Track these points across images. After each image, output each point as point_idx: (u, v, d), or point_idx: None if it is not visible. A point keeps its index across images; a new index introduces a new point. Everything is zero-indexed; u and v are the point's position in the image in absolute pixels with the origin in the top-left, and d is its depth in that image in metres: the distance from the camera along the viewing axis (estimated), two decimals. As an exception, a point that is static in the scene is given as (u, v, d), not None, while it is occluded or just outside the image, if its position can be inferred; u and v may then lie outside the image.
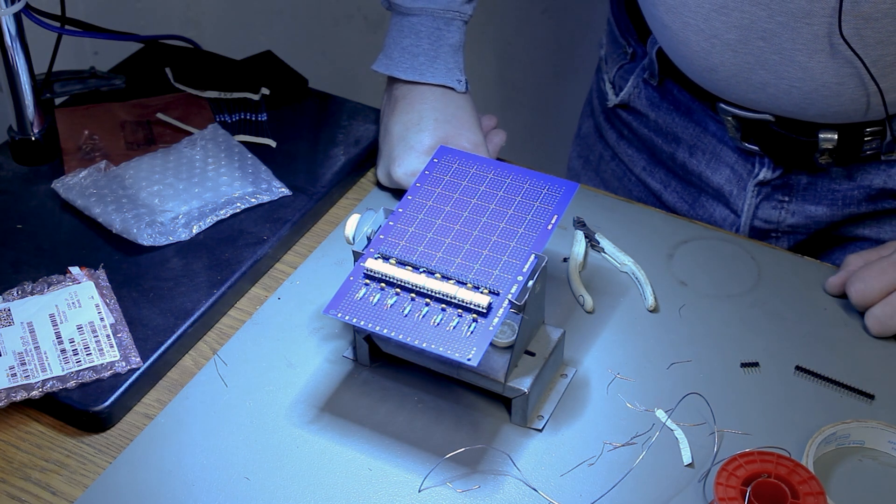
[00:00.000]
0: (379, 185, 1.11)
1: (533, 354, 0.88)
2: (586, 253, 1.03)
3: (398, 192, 1.09)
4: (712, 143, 1.14)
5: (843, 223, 1.13)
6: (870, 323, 0.95)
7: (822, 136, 1.05)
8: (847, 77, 0.99)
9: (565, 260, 1.02)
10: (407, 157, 1.05)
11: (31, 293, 0.97)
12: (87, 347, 0.92)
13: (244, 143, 1.12)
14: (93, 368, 0.90)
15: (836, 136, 1.04)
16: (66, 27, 1.12)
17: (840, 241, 1.15)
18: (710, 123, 1.14)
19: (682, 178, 1.19)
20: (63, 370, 0.90)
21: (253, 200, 1.06)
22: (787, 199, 1.12)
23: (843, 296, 0.98)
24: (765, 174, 1.11)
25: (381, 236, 0.89)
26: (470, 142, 1.06)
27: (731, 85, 1.05)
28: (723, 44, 1.02)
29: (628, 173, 1.25)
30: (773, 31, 0.99)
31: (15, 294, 0.96)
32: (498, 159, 1.09)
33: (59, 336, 0.93)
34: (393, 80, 1.12)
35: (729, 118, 1.09)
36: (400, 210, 0.91)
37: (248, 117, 1.16)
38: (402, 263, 0.87)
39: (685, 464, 0.86)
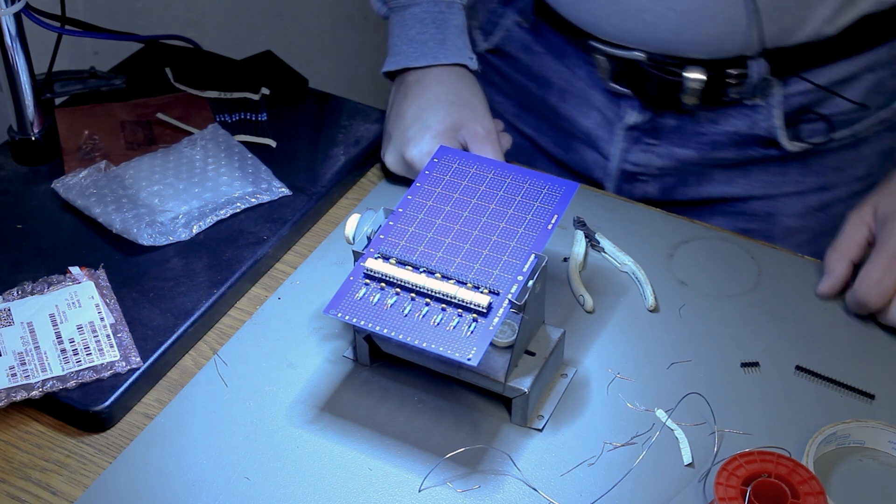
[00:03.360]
0: (385, 173, 1.11)
1: (533, 354, 0.88)
2: (586, 253, 1.03)
3: (398, 193, 1.09)
4: (582, 87, 1.16)
5: (712, 170, 1.15)
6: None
7: (688, 74, 1.07)
8: None
9: (565, 260, 1.02)
10: (423, 138, 1.05)
11: (31, 293, 0.97)
12: (87, 347, 0.92)
13: (244, 143, 1.12)
14: (93, 368, 0.90)
15: (701, 76, 1.06)
16: (66, 27, 1.12)
17: (710, 202, 1.17)
18: (582, 67, 1.15)
19: (553, 124, 1.21)
20: (63, 370, 0.90)
21: (253, 200, 1.06)
22: (655, 142, 1.15)
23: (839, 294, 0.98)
24: (633, 118, 1.13)
25: (381, 236, 0.89)
26: (484, 128, 1.06)
27: (607, 14, 1.06)
28: None
29: (501, 119, 1.25)
30: None
31: (15, 294, 0.96)
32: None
33: (59, 336, 0.93)
34: (403, 72, 1.12)
35: (600, 57, 1.10)
36: (400, 210, 0.91)
37: (248, 117, 1.16)
38: (402, 263, 0.87)
39: (685, 464, 0.86)
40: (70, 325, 0.94)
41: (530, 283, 0.85)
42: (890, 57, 1.10)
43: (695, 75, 1.07)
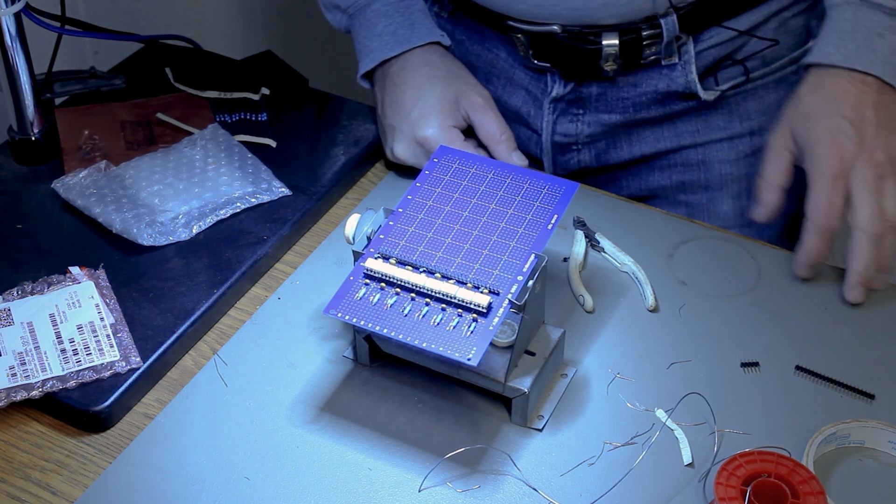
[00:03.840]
0: (388, 166, 1.12)
1: (533, 354, 0.88)
2: (586, 253, 1.03)
3: (398, 193, 1.09)
4: (505, 67, 1.19)
5: (640, 129, 1.18)
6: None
7: (604, 42, 1.09)
8: None
9: (565, 260, 1.02)
10: (430, 115, 1.07)
11: (31, 293, 0.97)
12: (87, 347, 0.92)
13: (244, 143, 1.12)
14: (93, 368, 0.90)
15: (617, 42, 1.09)
16: (66, 27, 1.12)
17: (644, 159, 1.20)
18: (502, 48, 1.18)
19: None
20: (63, 370, 0.90)
21: (253, 200, 1.06)
22: (581, 111, 1.17)
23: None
24: (557, 90, 1.16)
25: (381, 236, 0.89)
26: (482, 96, 1.09)
27: None
28: None
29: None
30: None
31: (15, 294, 0.96)
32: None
33: (59, 336, 0.93)
34: (382, 66, 1.13)
35: (518, 35, 1.13)
36: (400, 210, 0.91)
37: (248, 117, 1.16)
38: (402, 263, 0.87)
39: (685, 464, 0.86)
40: (70, 325, 0.94)
41: (530, 283, 0.85)
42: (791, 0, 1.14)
43: (610, 41, 1.10)
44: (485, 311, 0.83)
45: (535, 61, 1.14)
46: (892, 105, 1.01)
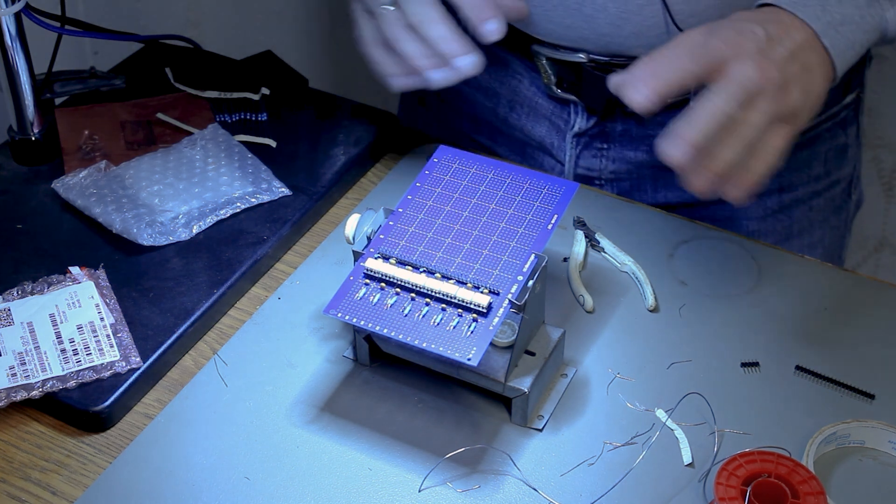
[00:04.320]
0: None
1: (533, 354, 0.88)
2: (586, 253, 1.03)
3: (398, 193, 1.09)
4: (528, 95, 1.17)
5: (667, 174, 1.12)
6: None
7: None
8: None
9: (565, 260, 1.02)
10: None
11: (31, 293, 0.97)
12: (87, 347, 0.92)
13: (244, 143, 1.12)
14: (93, 368, 0.90)
15: None
16: (66, 27, 1.12)
17: (668, 207, 1.16)
18: (526, 75, 1.16)
19: (507, 134, 1.22)
20: (63, 370, 0.90)
21: (253, 200, 1.06)
22: (605, 146, 1.15)
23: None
24: (580, 124, 1.14)
25: (381, 236, 0.89)
26: None
27: (546, 10, 1.06)
28: None
29: (458, 133, 1.26)
30: None
31: (15, 294, 0.96)
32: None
33: (59, 336, 0.93)
34: None
35: (543, 62, 1.10)
36: (400, 210, 0.91)
37: (248, 117, 1.16)
38: (402, 263, 0.87)
39: (685, 464, 0.86)
40: (70, 325, 0.94)
41: (530, 283, 0.85)
42: None
43: None
44: (485, 311, 0.83)
45: (559, 91, 1.12)
46: (812, 55, 0.90)
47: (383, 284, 0.86)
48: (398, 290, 0.86)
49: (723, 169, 0.85)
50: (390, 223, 0.90)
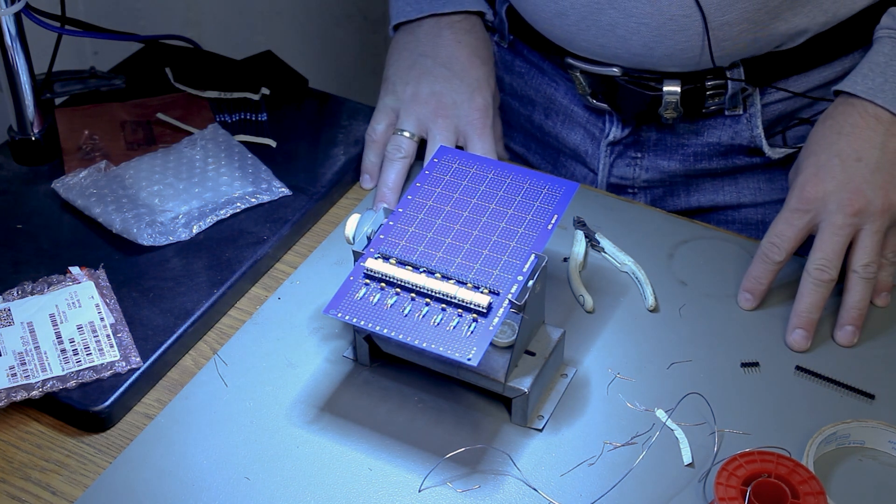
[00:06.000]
0: None
1: (533, 354, 0.88)
2: (586, 253, 1.03)
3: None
4: (564, 103, 1.17)
5: (700, 181, 1.15)
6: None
7: (665, 89, 1.06)
8: (694, 10, 1.00)
9: (565, 260, 1.02)
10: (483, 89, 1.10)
11: (31, 293, 0.97)
12: (87, 347, 0.92)
13: (244, 143, 1.12)
14: (93, 368, 0.90)
15: (679, 90, 1.06)
16: (66, 27, 1.12)
17: (701, 211, 1.17)
18: (561, 83, 1.16)
19: (541, 141, 1.22)
20: (63, 370, 0.90)
21: (253, 200, 1.06)
22: (639, 155, 1.14)
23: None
24: (614, 133, 1.13)
25: (381, 236, 0.89)
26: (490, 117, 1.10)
27: (580, 30, 1.06)
28: None
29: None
30: None
31: (15, 294, 0.96)
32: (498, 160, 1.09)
33: (59, 336, 0.93)
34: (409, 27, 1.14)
35: (577, 73, 1.10)
36: (400, 210, 0.91)
37: (248, 117, 1.16)
38: (402, 263, 0.87)
39: (685, 464, 0.86)
40: (70, 325, 0.94)
41: (530, 283, 0.85)
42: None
43: (671, 88, 1.06)
44: (485, 311, 0.83)
45: (594, 101, 1.12)
46: (893, 140, 0.96)
47: (383, 284, 0.86)
48: (398, 290, 0.86)
49: (864, 308, 0.95)
50: (390, 223, 0.90)
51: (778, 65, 1.06)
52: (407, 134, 1.08)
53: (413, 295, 0.86)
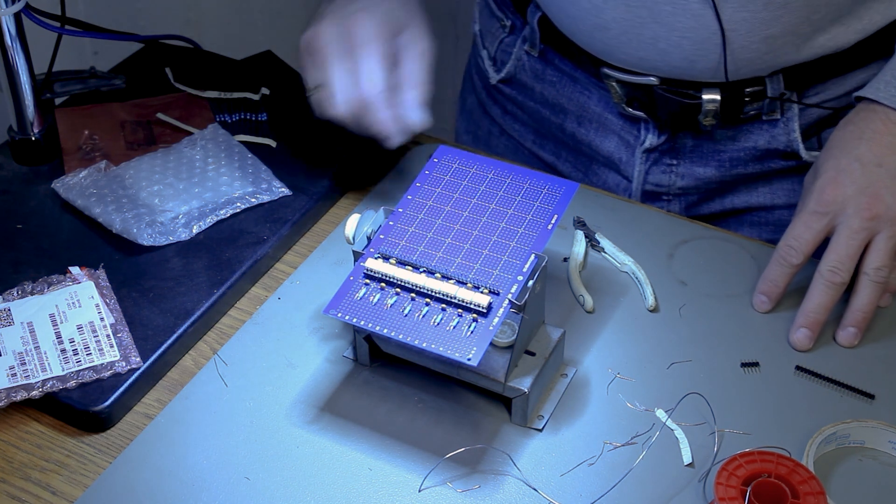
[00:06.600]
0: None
1: (533, 354, 0.88)
2: (586, 253, 1.03)
3: (398, 193, 1.09)
4: (597, 111, 1.15)
5: (734, 185, 1.14)
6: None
7: (705, 96, 1.06)
8: (738, 23, 1.00)
9: (565, 260, 1.02)
10: (372, 16, 0.99)
11: (31, 293, 0.97)
12: (87, 347, 0.92)
13: (244, 143, 1.12)
14: (93, 368, 0.90)
15: (718, 98, 1.05)
16: (66, 27, 1.12)
17: (735, 212, 1.17)
18: (594, 91, 1.15)
19: (572, 149, 1.21)
20: (63, 370, 0.90)
21: (253, 200, 1.06)
22: (675, 162, 1.14)
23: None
24: (650, 140, 1.12)
25: (381, 236, 0.89)
26: (425, 42, 1.02)
27: (621, 43, 1.05)
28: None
29: (520, 147, 1.25)
30: None
31: (15, 294, 0.96)
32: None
33: (59, 336, 0.93)
34: None
35: (613, 83, 1.10)
36: (400, 210, 0.91)
37: (248, 117, 1.16)
38: (402, 263, 0.87)
39: (685, 464, 0.86)
40: (70, 325, 0.94)
41: (530, 283, 0.85)
42: None
43: (711, 96, 1.06)
44: (485, 311, 0.83)
45: (629, 109, 1.11)
46: None
47: (383, 284, 0.86)
48: (398, 290, 0.86)
49: (871, 312, 0.95)
50: (390, 223, 0.90)
51: (816, 69, 1.06)
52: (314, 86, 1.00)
53: (413, 295, 0.86)
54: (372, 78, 0.97)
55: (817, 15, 1.00)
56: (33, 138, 1.11)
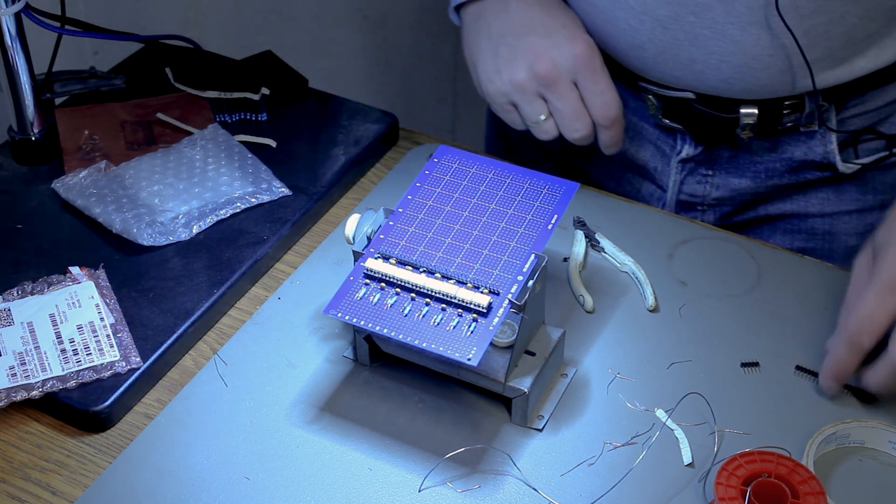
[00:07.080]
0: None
1: (533, 354, 0.88)
2: (586, 253, 1.03)
3: (398, 193, 1.08)
4: (633, 120, 1.15)
5: (769, 195, 1.14)
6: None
7: (743, 111, 1.06)
8: (778, 49, 0.99)
9: (565, 260, 1.02)
10: (577, 35, 1.02)
11: (31, 293, 0.97)
12: (87, 347, 0.92)
13: (244, 143, 1.12)
14: (93, 368, 0.90)
15: (756, 111, 1.05)
16: (66, 27, 1.12)
17: (768, 219, 1.16)
18: (631, 101, 1.14)
19: (605, 156, 1.19)
20: (63, 370, 0.90)
21: (253, 200, 1.06)
22: (710, 172, 1.13)
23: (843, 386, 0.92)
24: (687, 151, 1.12)
25: (381, 236, 0.89)
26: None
27: (657, 63, 1.05)
28: (653, 20, 1.02)
29: (547, 154, 1.25)
30: (706, 5, 0.99)
31: (15, 294, 0.96)
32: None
33: (59, 336, 0.93)
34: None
35: (650, 97, 1.10)
36: (400, 210, 0.91)
37: (248, 117, 1.16)
38: (402, 263, 0.87)
39: (685, 464, 0.86)
40: (70, 325, 0.94)
41: (530, 283, 0.85)
42: None
43: (749, 110, 1.06)
44: (485, 311, 0.83)
45: (666, 121, 1.11)
46: None
47: (383, 284, 0.86)
48: (398, 290, 0.86)
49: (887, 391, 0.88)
50: (390, 223, 0.90)
51: (856, 83, 1.05)
52: (542, 117, 1.03)
53: (413, 295, 0.86)
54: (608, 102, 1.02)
55: (857, 38, 0.99)
56: (33, 138, 1.11)
